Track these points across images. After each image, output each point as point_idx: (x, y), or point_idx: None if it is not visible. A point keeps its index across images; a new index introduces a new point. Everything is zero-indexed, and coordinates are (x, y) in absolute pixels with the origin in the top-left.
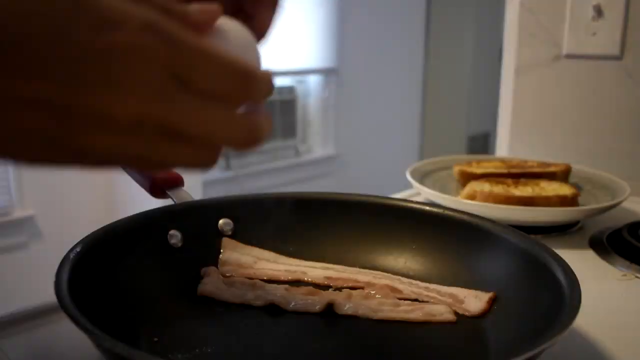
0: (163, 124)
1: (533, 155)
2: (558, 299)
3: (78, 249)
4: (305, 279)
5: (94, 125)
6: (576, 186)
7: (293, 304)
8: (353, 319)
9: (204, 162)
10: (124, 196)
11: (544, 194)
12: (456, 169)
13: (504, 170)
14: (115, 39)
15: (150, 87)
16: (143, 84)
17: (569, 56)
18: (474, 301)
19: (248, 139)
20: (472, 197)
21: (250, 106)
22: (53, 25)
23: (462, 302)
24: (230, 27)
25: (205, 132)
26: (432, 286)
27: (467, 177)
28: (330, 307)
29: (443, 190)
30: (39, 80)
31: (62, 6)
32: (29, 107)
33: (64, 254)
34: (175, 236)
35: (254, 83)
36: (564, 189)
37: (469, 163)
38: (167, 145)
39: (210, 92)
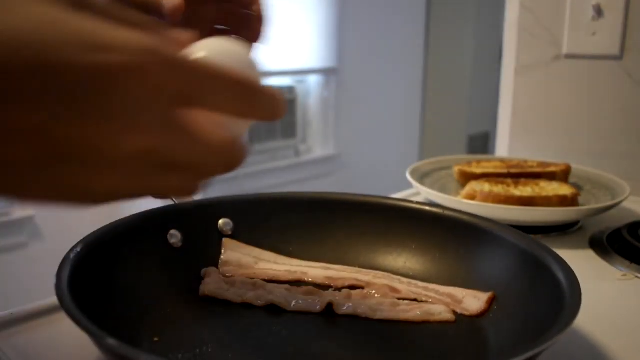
0: (168, 157)
1: (533, 155)
2: (558, 299)
3: (78, 249)
4: (306, 279)
5: (92, 163)
6: (576, 186)
7: (293, 303)
8: (353, 318)
9: (190, 191)
10: None
11: (543, 194)
12: (456, 169)
13: (504, 170)
14: (112, 61)
15: (156, 117)
16: (147, 112)
17: (569, 56)
18: (473, 301)
19: (230, 166)
20: (472, 197)
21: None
22: (39, 49)
23: (461, 302)
24: (224, 47)
25: (202, 161)
26: (432, 286)
27: (467, 177)
28: (330, 307)
29: (443, 190)
30: (29, 109)
31: (47, 31)
32: (20, 139)
33: (64, 254)
34: (175, 236)
35: (259, 98)
36: (564, 189)
37: (469, 163)
38: (161, 178)
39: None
